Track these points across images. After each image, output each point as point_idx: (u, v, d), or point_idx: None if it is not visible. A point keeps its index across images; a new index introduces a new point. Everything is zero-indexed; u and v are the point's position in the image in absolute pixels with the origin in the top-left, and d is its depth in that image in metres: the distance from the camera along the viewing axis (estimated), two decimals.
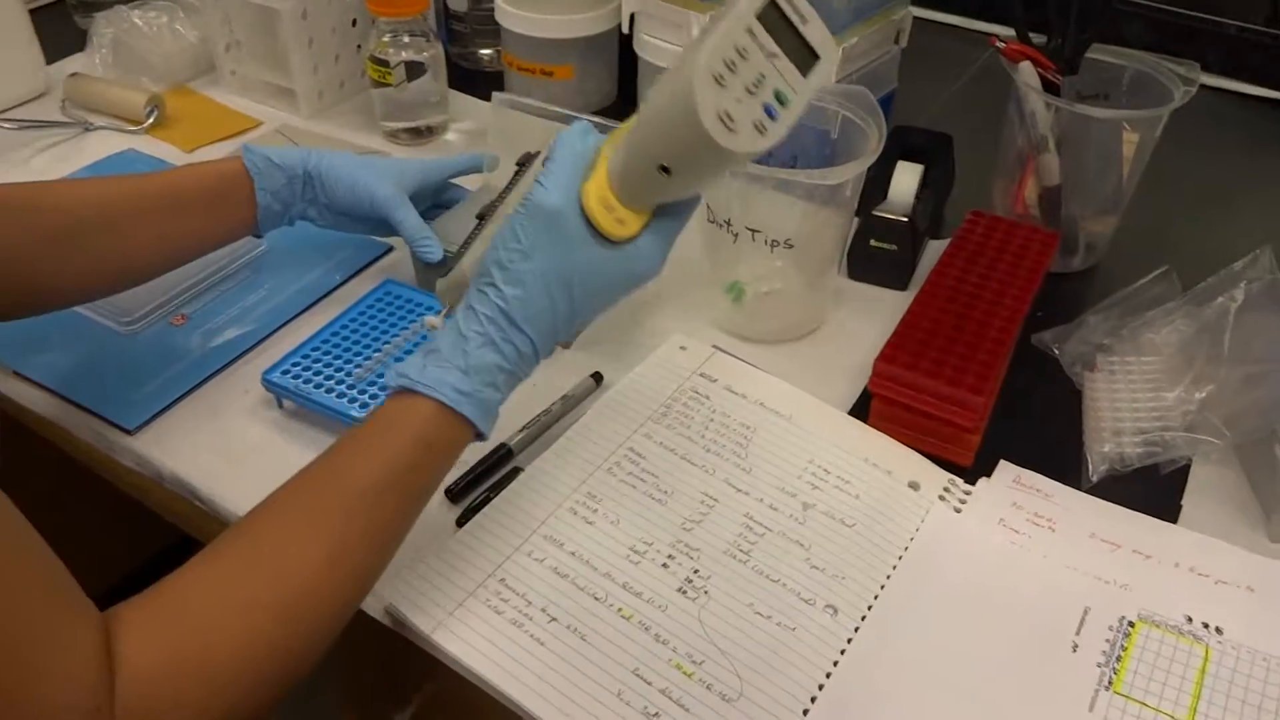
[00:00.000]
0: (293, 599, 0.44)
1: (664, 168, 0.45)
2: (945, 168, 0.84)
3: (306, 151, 0.70)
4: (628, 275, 0.50)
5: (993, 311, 0.68)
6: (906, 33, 0.90)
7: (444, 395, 0.48)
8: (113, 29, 1.00)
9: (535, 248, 0.48)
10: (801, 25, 0.45)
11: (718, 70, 0.42)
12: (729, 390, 0.66)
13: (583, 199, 0.48)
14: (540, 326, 0.49)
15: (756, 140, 0.43)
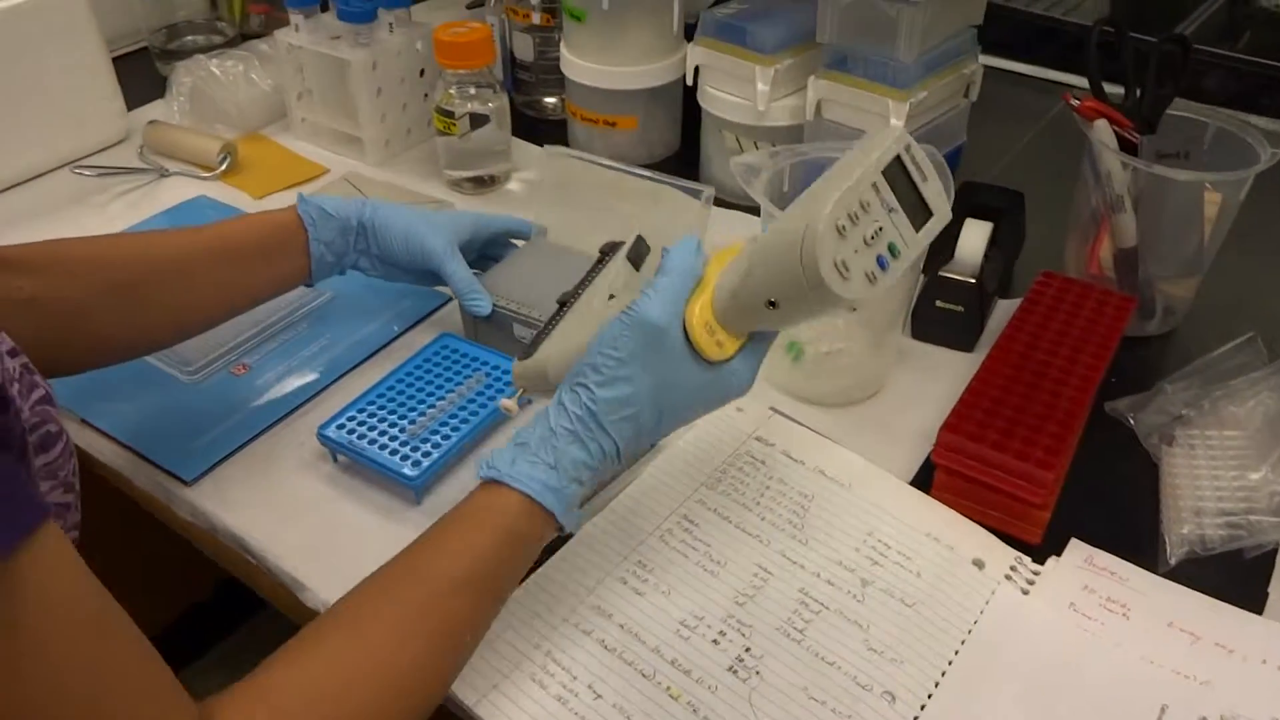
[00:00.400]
0: (385, 692, 0.45)
1: (772, 303, 0.47)
2: (1015, 225, 0.81)
3: (360, 202, 0.71)
4: (719, 395, 0.52)
5: (1065, 379, 0.65)
6: (977, 86, 0.88)
7: (531, 489, 0.49)
8: (191, 77, 1.02)
9: (633, 358, 0.49)
10: (921, 183, 0.47)
11: (842, 222, 0.44)
12: (786, 455, 0.64)
13: (686, 318, 0.50)
14: (625, 432, 0.50)
15: (866, 289, 0.45)
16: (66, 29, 0.94)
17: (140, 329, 0.63)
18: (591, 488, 0.52)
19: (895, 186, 0.46)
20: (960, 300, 0.73)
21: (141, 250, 0.63)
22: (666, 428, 0.52)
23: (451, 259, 0.70)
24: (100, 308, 0.60)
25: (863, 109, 0.82)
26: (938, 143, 0.86)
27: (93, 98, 0.99)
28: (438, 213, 0.75)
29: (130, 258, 0.62)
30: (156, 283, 0.63)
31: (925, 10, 0.77)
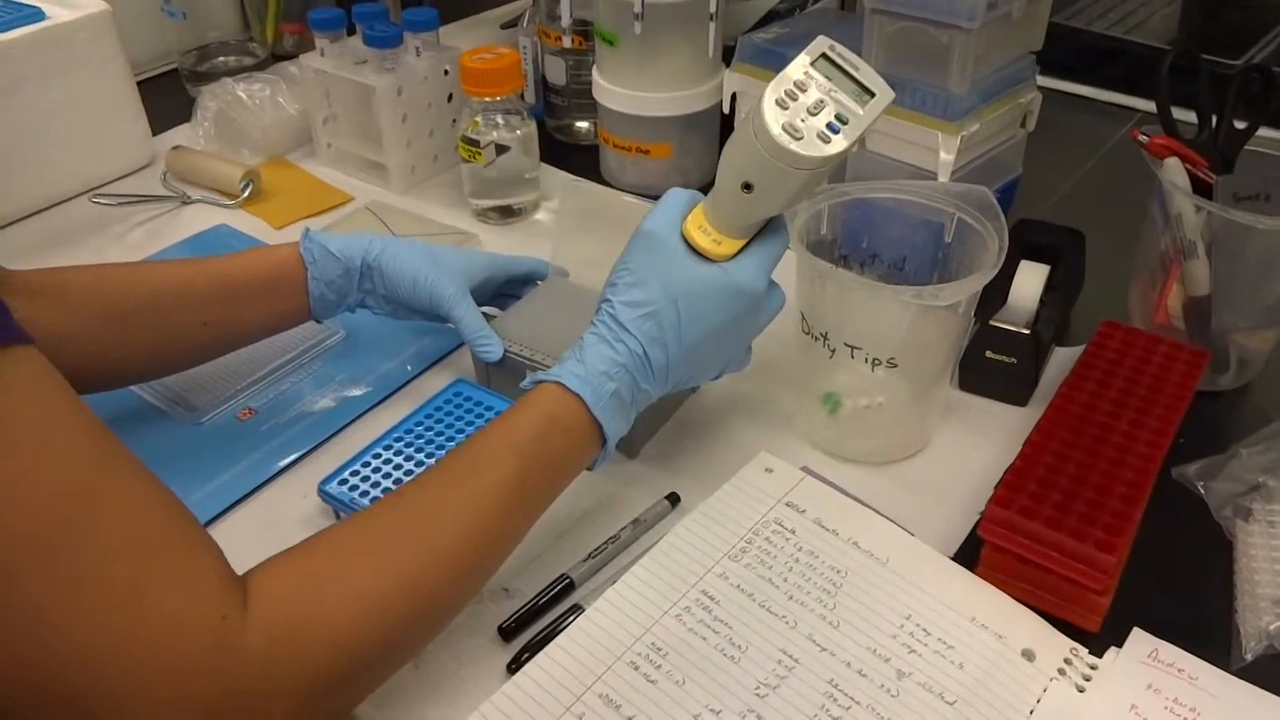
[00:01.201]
0: (435, 549, 0.47)
1: (746, 184, 0.52)
2: (1074, 268, 0.75)
3: (367, 240, 0.68)
4: (729, 287, 0.54)
5: (1129, 443, 0.59)
6: (1035, 116, 0.82)
7: (562, 377, 0.52)
8: (216, 101, 1.00)
9: (640, 266, 0.54)
10: (855, 71, 0.53)
11: (779, 97, 0.51)
12: (819, 524, 0.59)
13: (685, 225, 0.55)
14: (647, 330, 0.53)
15: (822, 147, 0.51)
16: (91, 54, 0.92)
17: (128, 359, 0.63)
18: (632, 396, 0.54)
19: (829, 74, 0.52)
20: (1013, 351, 0.67)
21: (137, 280, 0.63)
22: (693, 337, 0.54)
23: (460, 304, 0.67)
24: (87, 335, 0.60)
25: (911, 141, 0.76)
26: (992, 177, 0.81)
27: (117, 122, 0.97)
28: (451, 250, 0.71)
29: (125, 288, 0.62)
30: (148, 314, 0.63)
31: (979, 37, 0.71)
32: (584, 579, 0.58)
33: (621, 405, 0.53)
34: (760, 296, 0.55)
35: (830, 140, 0.51)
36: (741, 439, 0.67)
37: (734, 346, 0.58)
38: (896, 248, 0.67)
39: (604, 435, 0.53)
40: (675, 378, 0.55)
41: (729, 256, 0.55)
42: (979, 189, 0.63)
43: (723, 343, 0.56)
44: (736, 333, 0.57)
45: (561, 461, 0.52)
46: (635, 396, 0.54)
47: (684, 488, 0.63)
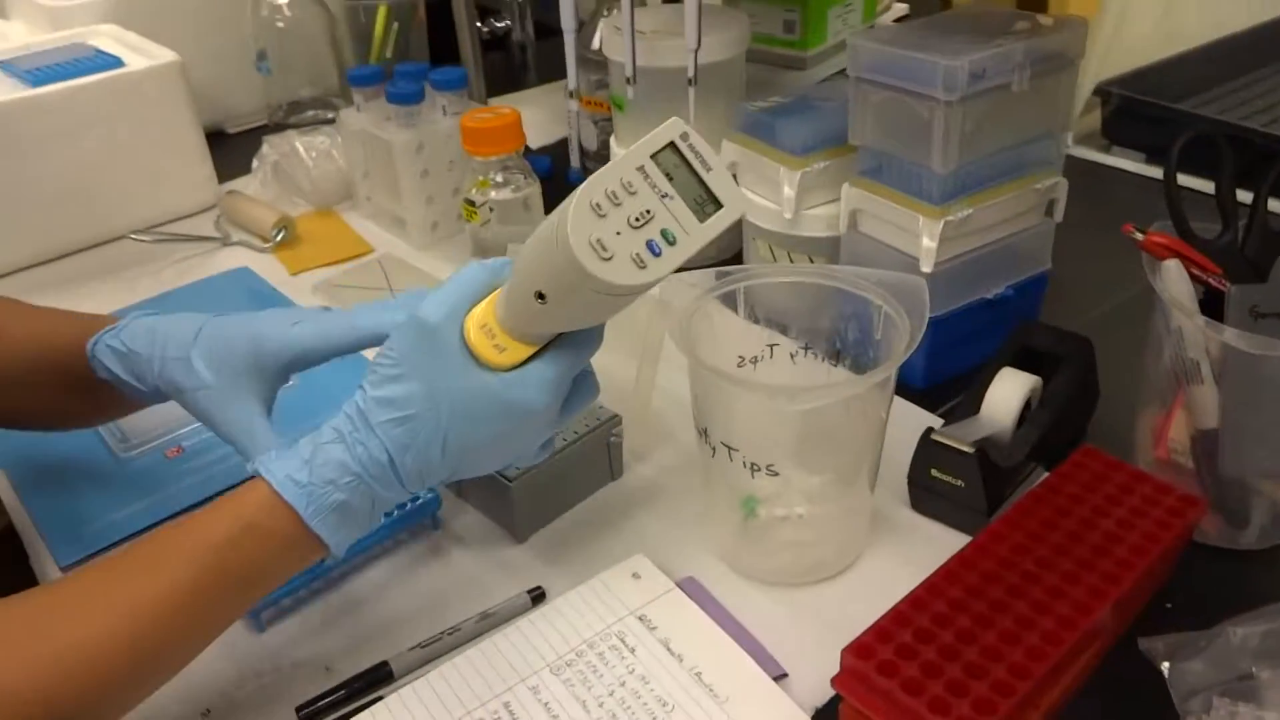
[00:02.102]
0: (59, 652, 0.41)
1: (540, 294, 0.44)
2: (1076, 381, 0.64)
3: (148, 363, 0.55)
4: (503, 404, 0.46)
5: (1057, 596, 0.49)
6: (1061, 204, 0.71)
7: (274, 480, 0.45)
8: (275, 151, 1.05)
9: (406, 358, 0.46)
10: (705, 173, 0.43)
11: (596, 200, 0.41)
12: (665, 646, 0.52)
13: (465, 321, 0.47)
14: (397, 437, 0.45)
15: (634, 274, 0.42)
16: (161, 101, 0.99)
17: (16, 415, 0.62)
18: (364, 503, 0.46)
19: (672, 174, 0.43)
20: (958, 473, 0.57)
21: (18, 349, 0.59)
22: (457, 447, 0.46)
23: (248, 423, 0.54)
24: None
25: (897, 224, 0.68)
26: (1003, 272, 0.71)
27: (182, 166, 1.03)
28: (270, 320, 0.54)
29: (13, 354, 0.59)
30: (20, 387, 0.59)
31: (967, 111, 0.63)
32: (407, 669, 0.53)
33: (352, 515, 0.46)
34: (543, 412, 0.47)
35: (646, 266, 0.42)
36: (643, 537, 0.61)
37: (515, 450, 0.49)
38: (830, 337, 0.59)
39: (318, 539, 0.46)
40: (433, 481, 0.48)
41: (513, 365, 0.46)
42: (914, 280, 0.54)
43: (498, 450, 0.48)
44: (516, 442, 0.48)
45: (256, 573, 0.46)
46: (376, 503, 0.47)
47: (558, 583, 0.58)
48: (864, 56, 0.66)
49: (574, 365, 0.47)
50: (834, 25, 1.02)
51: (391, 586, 0.59)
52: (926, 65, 0.62)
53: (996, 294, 0.71)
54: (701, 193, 0.43)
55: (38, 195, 0.94)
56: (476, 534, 0.62)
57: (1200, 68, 1.09)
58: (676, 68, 0.79)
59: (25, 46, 1.04)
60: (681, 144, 0.43)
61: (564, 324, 0.46)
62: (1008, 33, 0.65)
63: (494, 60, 1.42)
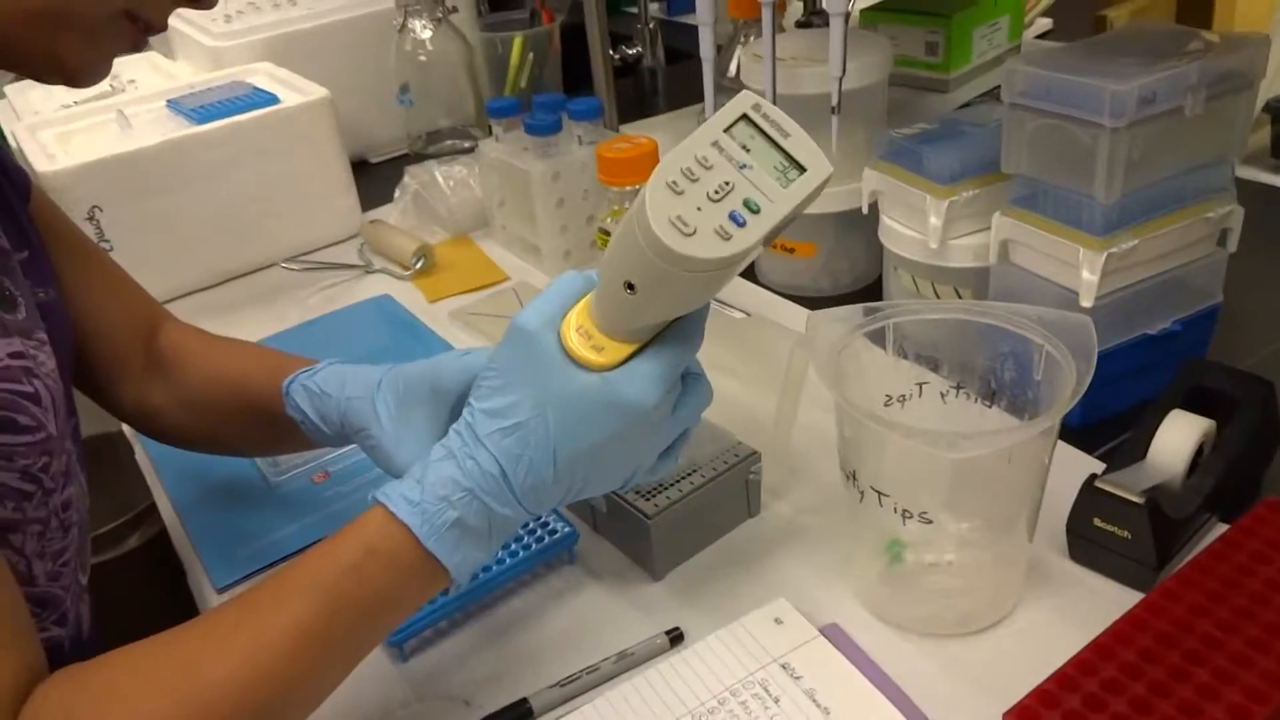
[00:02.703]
0: (202, 689, 0.42)
1: (629, 284, 0.42)
2: (1254, 426, 0.59)
3: (336, 404, 0.57)
4: (608, 403, 0.44)
5: (1237, 670, 0.45)
6: (1236, 234, 0.67)
7: (389, 500, 0.45)
8: (415, 181, 1.08)
9: (509, 368, 0.46)
10: (783, 139, 0.42)
11: (672, 178, 0.41)
12: (810, 697, 0.50)
13: (560, 326, 0.46)
14: (507, 447, 0.45)
15: (718, 246, 0.40)
16: (311, 135, 1.03)
17: (208, 442, 0.67)
18: (482, 521, 0.45)
19: (748, 145, 0.41)
20: (1124, 522, 0.54)
21: (229, 391, 0.64)
22: (569, 454, 0.45)
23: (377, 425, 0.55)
24: (178, 418, 0.65)
25: (1054, 256, 0.65)
26: (1171, 306, 0.67)
27: (329, 196, 1.07)
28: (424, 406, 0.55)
29: (217, 393, 0.64)
30: (216, 407, 0.64)
31: (1133, 138, 0.59)
32: (546, 708, 0.53)
33: (471, 534, 0.45)
34: (651, 410, 0.45)
35: (731, 236, 0.40)
36: (782, 579, 0.59)
37: (632, 460, 0.47)
38: (984, 376, 0.56)
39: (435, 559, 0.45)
40: (551, 499, 0.46)
41: (613, 364, 0.45)
42: (1081, 319, 0.51)
43: (613, 459, 0.46)
44: (630, 448, 0.46)
45: (382, 600, 0.45)
46: (493, 522, 0.45)
47: (696, 624, 0.57)
48: (1021, 80, 0.63)
49: (678, 360, 0.45)
50: (979, 46, 0.99)
51: (530, 620, 0.59)
52: (1091, 89, 0.58)
53: (1162, 329, 0.66)
54: (782, 159, 0.42)
55: (200, 225, 0.99)
56: (613, 570, 0.62)
57: None
58: (817, 94, 0.77)
59: (190, 85, 1.10)
60: (755, 114, 0.42)
61: (657, 313, 0.44)
62: (1180, 53, 0.61)
63: (624, 87, 1.43)
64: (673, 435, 0.48)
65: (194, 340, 0.67)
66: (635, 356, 0.45)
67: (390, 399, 0.54)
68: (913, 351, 0.57)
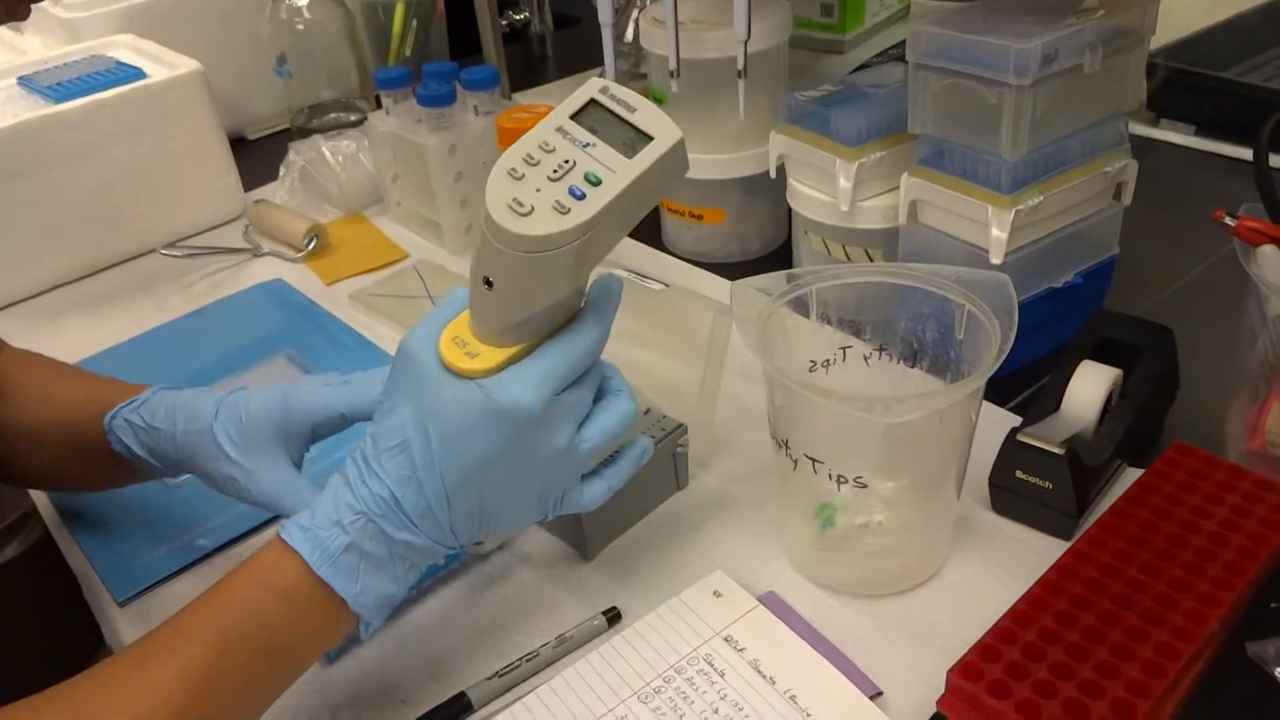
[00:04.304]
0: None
1: (487, 280, 0.42)
2: (1157, 373, 0.62)
3: (169, 438, 0.54)
4: (486, 410, 0.42)
5: (1170, 605, 0.46)
6: (1130, 188, 0.69)
7: (283, 529, 0.43)
8: (301, 158, 1.03)
9: (394, 388, 0.44)
10: (630, 114, 0.42)
11: (512, 166, 0.41)
12: (754, 668, 0.50)
13: (440, 338, 0.45)
14: (395, 469, 0.43)
15: (555, 221, 0.40)
16: (184, 111, 0.96)
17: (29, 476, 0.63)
18: (382, 548, 0.43)
19: (596, 127, 0.41)
20: (1045, 473, 0.55)
21: (37, 412, 0.59)
22: (458, 471, 0.43)
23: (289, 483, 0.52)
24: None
25: (962, 215, 0.66)
26: (1072, 258, 0.69)
27: (208, 177, 1.01)
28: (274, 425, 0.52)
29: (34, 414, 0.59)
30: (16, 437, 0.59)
31: (1037, 95, 0.60)
32: (486, 699, 0.52)
33: (370, 562, 0.43)
34: (536, 418, 0.42)
35: (569, 210, 0.39)
36: (715, 550, 0.59)
37: (537, 481, 0.44)
38: (906, 338, 0.57)
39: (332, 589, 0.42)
40: (455, 522, 0.43)
41: (490, 370, 0.43)
42: (999, 278, 0.52)
43: (510, 478, 0.43)
44: (527, 465, 0.43)
45: (283, 638, 0.42)
46: (393, 549, 0.43)
47: (632, 602, 0.56)
48: (925, 40, 0.63)
49: (561, 361, 0.43)
50: (872, 6, 1.00)
51: (460, 611, 0.57)
52: (995, 49, 0.59)
53: (1066, 282, 0.68)
54: (630, 134, 0.41)
55: (64, 212, 0.92)
56: (543, 553, 0.60)
57: (1247, 34, 1.06)
58: (721, 58, 0.77)
59: (43, 61, 1.02)
60: (603, 97, 0.42)
61: (520, 307, 0.42)
62: (1075, 11, 0.62)
63: (513, 53, 1.39)
64: (587, 457, 0.45)
65: (24, 371, 0.60)
66: (514, 362, 0.43)
67: (232, 429, 0.51)
68: (835, 316, 0.57)
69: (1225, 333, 0.60)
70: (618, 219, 0.41)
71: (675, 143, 0.41)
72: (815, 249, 0.77)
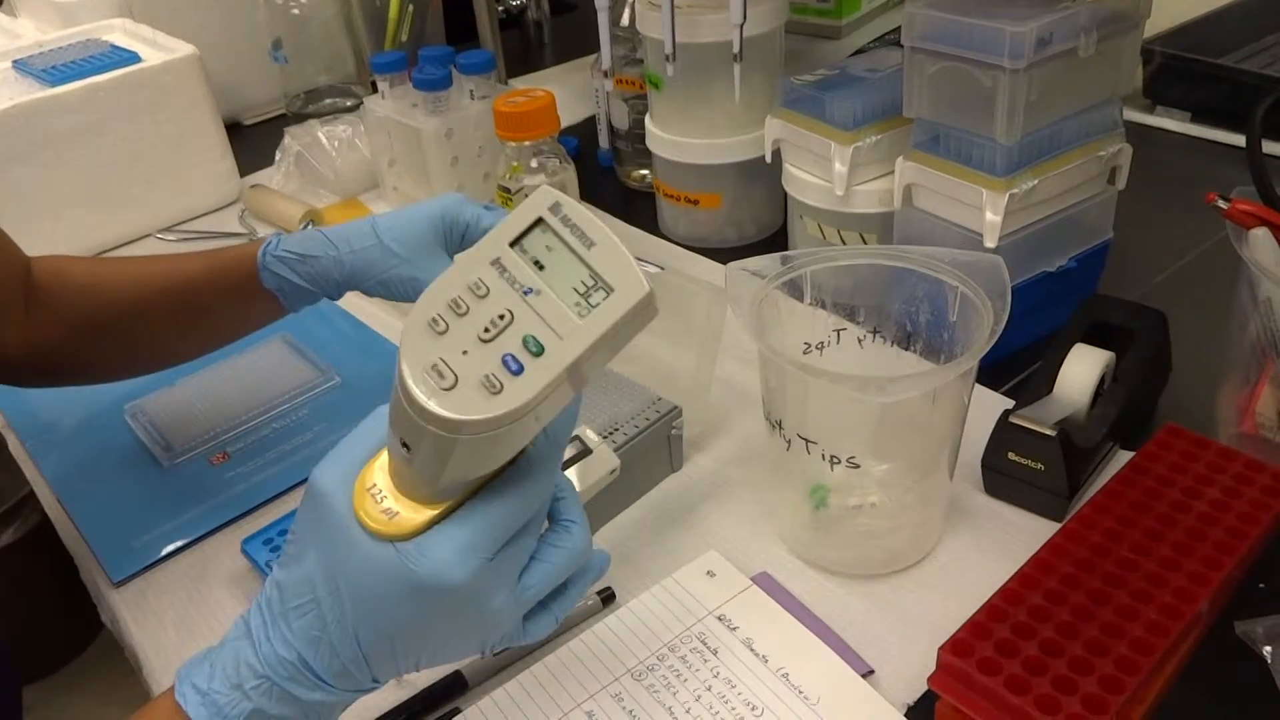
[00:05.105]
0: None
1: (404, 443, 0.34)
2: (1149, 356, 0.62)
3: (340, 265, 0.58)
4: (405, 583, 0.35)
5: (1158, 584, 0.47)
6: (1124, 172, 0.69)
7: (179, 688, 0.38)
8: (297, 142, 1.02)
9: (302, 533, 0.38)
10: (585, 249, 0.33)
11: (434, 314, 0.33)
12: (748, 647, 0.50)
13: (356, 481, 0.37)
14: (302, 628, 0.37)
15: (482, 403, 0.31)
16: (179, 95, 0.97)
17: (99, 365, 0.64)
18: (288, 710, 0.37)
19: (542, 259, 0.33)
20: (1037, 455, 0.56)
21: (126, 286, 0.62)
22: (373, 638, 0.36)
23: None
24: (69, 344, 0.61)
25: (956, 199, 0.66)
26: (1068, 243, 0.69)
27: (203, 161, 1.01)
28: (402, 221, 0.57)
29: (114, 297, 0.62)
30: (128, 324, 0.62)
31: (1032, 79, 0.60)
32: (480, 678, 0.52)
33: (249, 710, 0.37)
34: (463, 589, 0.35)
35: (500, 389, 0.31)
36: (709, 532, 0.59)
37: (472, 636, 0.38)
38: (899, 320, 0.57)
39: None
40: (376, 673, 0.38)
41: (409, 534, 0.35)
42: (992, 259, 0.52)
43: (439, 639, 0.37)
44: (457, 626, 0.37)
45: None
46: (306, 710, 0.38)
47: (626, 582, 0.56)
48: (921, 24, 0.63)
49: (495, 525, 0.36)
50: None
51: None
52: (990, 32, 0.59)
53: (1059, 267, 0.69)
54: (588, 276, 0.33)
55: (61, 196, 0.92)
56: None
57: (1241, 21, 1.06)
58: (714, 43, 0.76)
59: (38, 45, 1.01)
60: (553, 219, 0.33)
61: (444, 480, 0.34)
62: None
63: (509, 39, 1.39)
64: (530, 604, 0.39)
65: (72, 265, 0.63)
66: (441, 520, 0.36)
67: (402, 236, 0.56)
68: (830, 299, 0.57)
69: (1218, 317, 0.60)
70: (568, 386, 0.33)
71: (640, 299, 0.32)
72: (810, 233, 0.77)
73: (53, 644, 1.24)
